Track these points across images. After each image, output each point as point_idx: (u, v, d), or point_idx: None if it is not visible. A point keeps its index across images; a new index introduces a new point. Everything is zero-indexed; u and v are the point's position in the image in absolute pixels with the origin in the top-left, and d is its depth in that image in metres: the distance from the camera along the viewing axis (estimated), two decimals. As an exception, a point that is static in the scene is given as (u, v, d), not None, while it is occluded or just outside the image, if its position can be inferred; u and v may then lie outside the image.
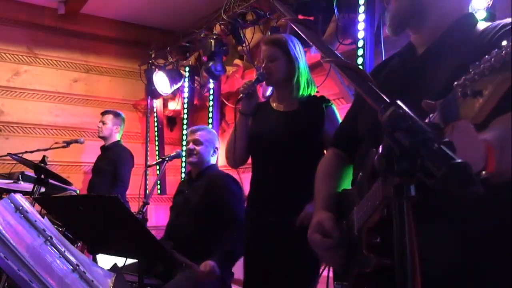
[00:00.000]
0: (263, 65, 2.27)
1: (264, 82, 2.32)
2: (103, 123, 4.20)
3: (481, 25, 1.14)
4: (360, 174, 1.16)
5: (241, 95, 2.26)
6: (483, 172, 0.73)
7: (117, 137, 4.27)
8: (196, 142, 2.88)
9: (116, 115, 4.26)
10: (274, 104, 2.34)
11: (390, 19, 1.22)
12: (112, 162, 4.09)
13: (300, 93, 2.24)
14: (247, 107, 2.32)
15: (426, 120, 0.73)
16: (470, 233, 1.01)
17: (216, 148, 2.95)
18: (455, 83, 0.65)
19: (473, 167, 0.72)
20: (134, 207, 4.36)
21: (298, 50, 2.26)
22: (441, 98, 1.01)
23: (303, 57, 2.28)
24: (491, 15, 2.09)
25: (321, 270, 1.42)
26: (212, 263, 2.48)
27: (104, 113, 4.27)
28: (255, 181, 2.34)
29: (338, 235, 1.19)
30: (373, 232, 1.02)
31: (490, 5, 2.09)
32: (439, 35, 1.17)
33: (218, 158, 3.02)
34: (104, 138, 4.24)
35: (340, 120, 2.21)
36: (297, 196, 2.14)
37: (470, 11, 1.21)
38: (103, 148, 4.29)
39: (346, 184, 1.42)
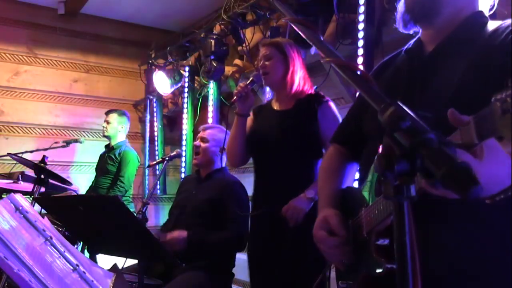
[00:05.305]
0: (260, 64, 2.34)
1: (263, 83, 2.36)
2: (108, 122, 4.21)
3: (491, 24, 1.11)
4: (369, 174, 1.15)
5: (234, 97, 2.31)
6: None
7: (122, 136, 4.27)
8: (203, 139, 2.87)
9: (121, 114, 4.27)
10: (274, 105, 2.41)
11: (404, 12, 1.19)
12: (117, 163, 4.10)
13: (294, 89, 2.28)
14: (243, 108, 2.35)
15: (454, 136, 0.70)
16: (472, 236, 1.01)
17: (223, 148, 2.92)
18: (494, 97, 0.61)
19: (505, 181, 0.72)
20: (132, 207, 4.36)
21: (294, 50, 2.33)
22: (454, 99, 1.01)
23: (300, 57, 2.35)
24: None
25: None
26: (184, 233, 2.55)
27: (108, 113, 4.27)
28: (256, 179, 2.41)
29: (344, 234, 1.19)
30: (383, 236, 1.01)
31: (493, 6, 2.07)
32: (449, 33, 1.14)
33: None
34: (109, 137, 4.24)
35: (337, 116, 2.25)
36: (293, 192, 2.17)
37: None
38: (108, 147, 4.29)
39: (349, 181, 1.42)
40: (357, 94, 1.76)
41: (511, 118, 0.58)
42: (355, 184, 1.54)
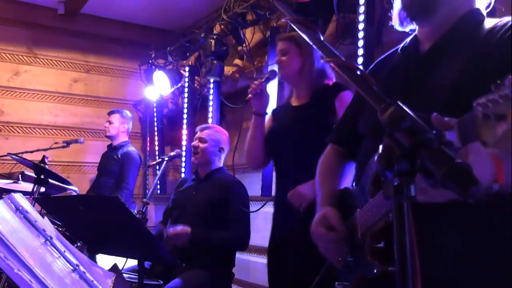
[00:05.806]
0: (276, 59, 2.30)
1: (279, 77, 2.33)
2: (110, 122, 4.21)
3: (488, 22, 1.11)
4: (364, 175, 1.15)
5: (249, 95, 2.26)
6: (496, 185, 0.73)
7: (124, 136, 4.28)
8: (201, 140, 2.87)
9: (123, 114, 4.28)
10: (292, 101, 2.36)
11: (400, 9, 1.18)
12: (119, 163, 4.10)
13: (311, 81, 2.23)
14: (259, 107, 2.31)
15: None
16: (472, 237, 1.01)
17: (222, 148, 2.91)
18: (476, 102, 0.61)
19: (486, 180, 0.72)
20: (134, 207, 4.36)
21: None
22: (451, 98, 1.01)
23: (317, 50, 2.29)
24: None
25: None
26: (188, 229, 2.54)
27: (110, 113, 4.28)
28: (277, 179, 2.36)
29: (343, 230, 1.19)
30: (377, 238, 1.01)
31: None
32: (446, 31, 1.13)
33: (225, 158, 2.99)
34: (111, 137, 4.25)
35: None
36: None
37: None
38: (110, 147, 4.29)
39: (348, 180, 1.42)
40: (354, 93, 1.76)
41: (492, 123, 0.58)
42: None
